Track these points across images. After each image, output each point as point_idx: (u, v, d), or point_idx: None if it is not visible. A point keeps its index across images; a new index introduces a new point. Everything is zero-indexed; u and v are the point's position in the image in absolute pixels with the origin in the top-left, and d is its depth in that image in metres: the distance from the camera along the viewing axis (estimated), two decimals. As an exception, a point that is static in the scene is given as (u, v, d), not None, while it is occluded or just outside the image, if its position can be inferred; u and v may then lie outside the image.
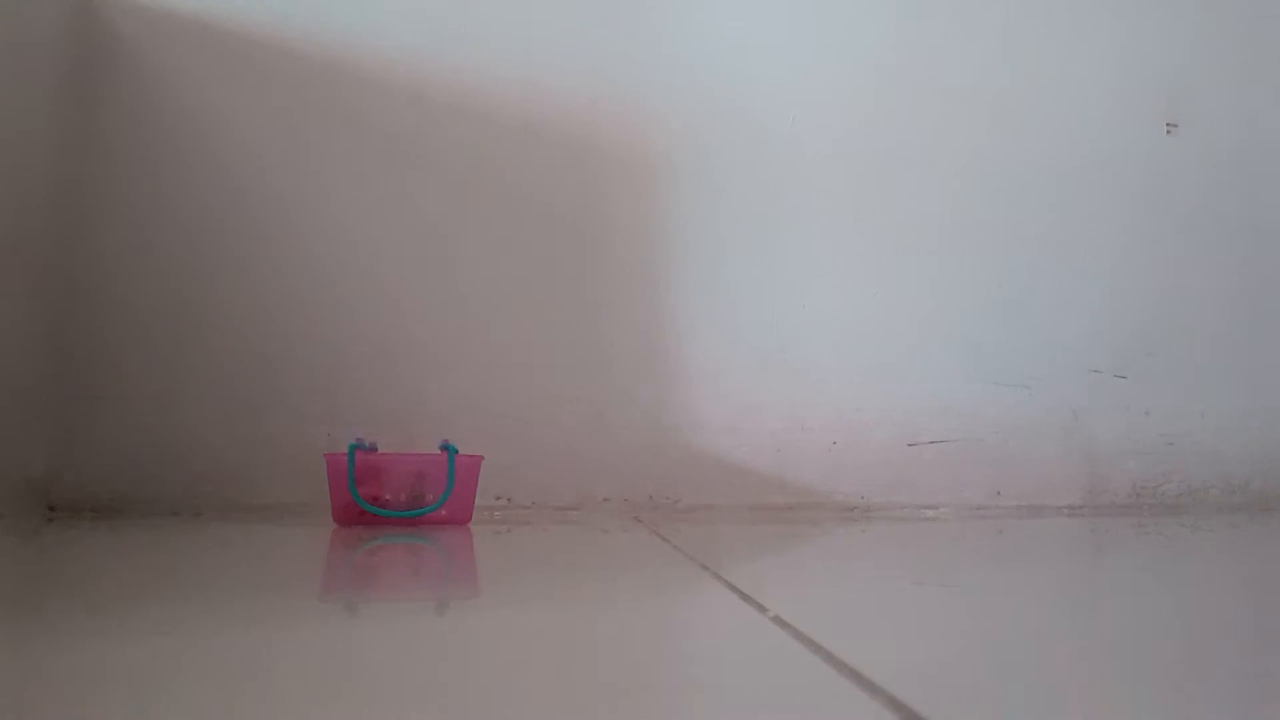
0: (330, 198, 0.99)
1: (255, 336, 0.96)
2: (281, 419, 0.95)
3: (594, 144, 1.02)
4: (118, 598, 0.44)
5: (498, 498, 0.97)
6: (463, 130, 1.01)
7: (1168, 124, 1.11)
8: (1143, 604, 0.44)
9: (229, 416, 0.95)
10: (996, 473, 1.04)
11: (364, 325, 0.98)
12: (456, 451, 0.82)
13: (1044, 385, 1.06)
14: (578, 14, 1.03)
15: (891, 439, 1.03)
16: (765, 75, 1.06)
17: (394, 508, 0.81)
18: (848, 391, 1.03)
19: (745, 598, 0.42)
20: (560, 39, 1.03)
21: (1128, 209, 1.12)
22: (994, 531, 0.81)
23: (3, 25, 0.84)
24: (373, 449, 0.83)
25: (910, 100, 1.08)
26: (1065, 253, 1.09)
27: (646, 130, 1.03)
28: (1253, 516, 0.94)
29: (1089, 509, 1.03)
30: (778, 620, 0.36)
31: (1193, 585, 0.51)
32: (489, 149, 1.01)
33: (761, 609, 0.39)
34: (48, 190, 0.92)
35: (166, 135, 0.97)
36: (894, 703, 0.24)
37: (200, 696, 0.26)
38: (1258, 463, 1.07)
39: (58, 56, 0.93)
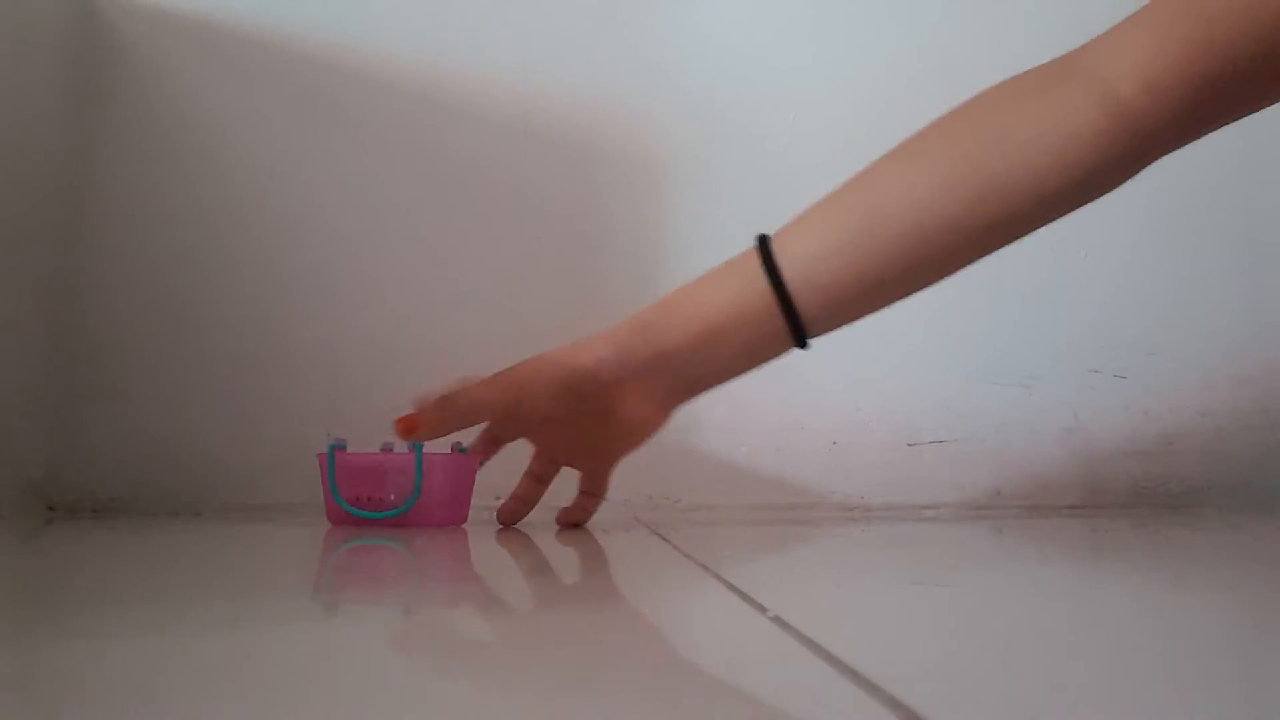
0: (329, 197, 0.99)
1: (255, 337, 0.96)
2: (281, 419, 0.95)
3: (594, 145, 1.02)
4: (118, 598, 0.44)
5: (497, 498, 0.96)
6: (464, 131, 1.01)
7: (1168, 124, 1.11)
8: (1143, 604, 0.44)
9: (229, 417, 0.95)
10: (996, 473, 1.04)
11: (363, 325, 0.98)
12: (465, 450, 0.80)
13: (1044, 385, 1.06)
14: (578, 15, 1.03)
15: (891, 439, 1.03)
16: (765, 74, 1.06)
17: (385, 507, 0.78)
18: (847, 391, 1.03)
19: (745, 598, 0.42)
20: (560, 40, 1.03)
21: (1128, 208, 1.11)
22: (994, 531, 0.81)
23: (3, 25, 0.84)
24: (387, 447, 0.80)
25: (910, 100, 1.08)
26: (1065, 252, 1.09)
27: (646, 130, 1.03)
28: (1253, 516, 0.94)
29: (1089, 509, 1.03)
30: (778, 620, 0.36)
31: (1193, 585, 0.51)
32: (490, 149, 1.01)
33: (761, 609, 0.39)
34: (48, 190, 0.92)
35: (166, 136, 0.98)
36: (894, 703, 0.24)
37: (201, 697, 0.26)
38: (1258, 463, 1.07)
39: (58, 57, 0.93)
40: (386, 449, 0.80)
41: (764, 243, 0.62)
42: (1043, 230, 1.09)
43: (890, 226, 0.60)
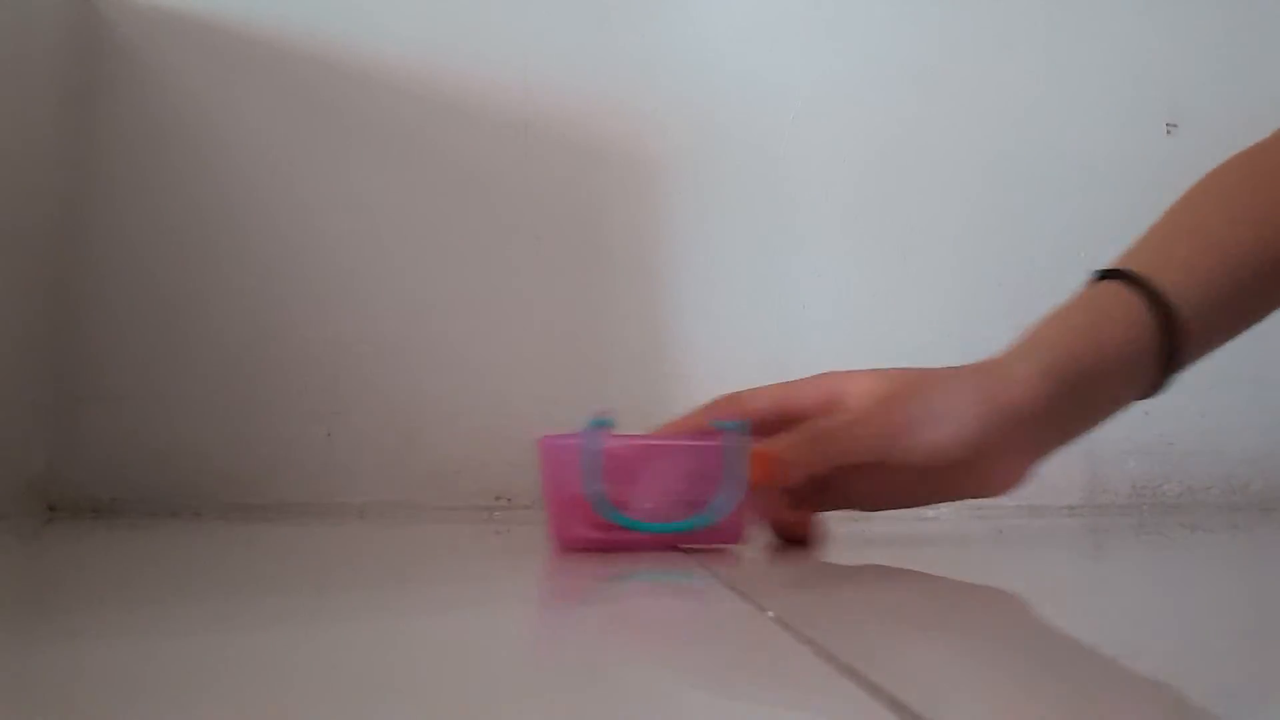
0: (328, 198, 0.99)
1: (255, 336, 0.96)
2: (281, 418, 0.95)
3: (595, 145, 1.02)
4: (118, 598, 0.44)
5: (497, 498, 0.97)
6: (464, 131, 1.01)
7: (1168, 124, 1.11)
8: (1143, 604, 0.44)
9: (229, 416, 0.95)
10: (996, 473, 1.03)
11: (364, 325, 0.98)
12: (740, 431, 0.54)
13: (1044, 385, 1.06)
14: (578, 15, 1.03)
15: (891, 439, 1.02)
16: (765, 75, 1.06)
17: (669, 515, 0.54)
18: (848, 391, 1.03)
19: (745, 598, 0.42)
20: (560, 40, 1.03)
21: (1128, 209, 1.11)
22: (994, 531, 0.81)
23: (2, 25, 0.84)
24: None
25: (909, 102, 1.08)
26: (1065, 253, 1.09)
27: (647, 130, 1.03)
28: (1253, 516, 0.94)
29: (1089, 509, 1.03)
30: (778, 620, 0.36)
31: (1193, 585, 0.51)
32: (490, 150, 1.01)
33: (761, 609, 0.39)
34: (46, 190, 0.92)
35: (166, 136, 0.98)
36: (894, 703, 0.24)
37: (203, 698, 0.26)
38: (1258, 463, 1.07)
39: (58, 57, 0.93)
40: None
41: (1136, 280, 0.57)
42: (1041, 230, 1.09)
43: (1271, 261, 0.56)
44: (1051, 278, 1.11)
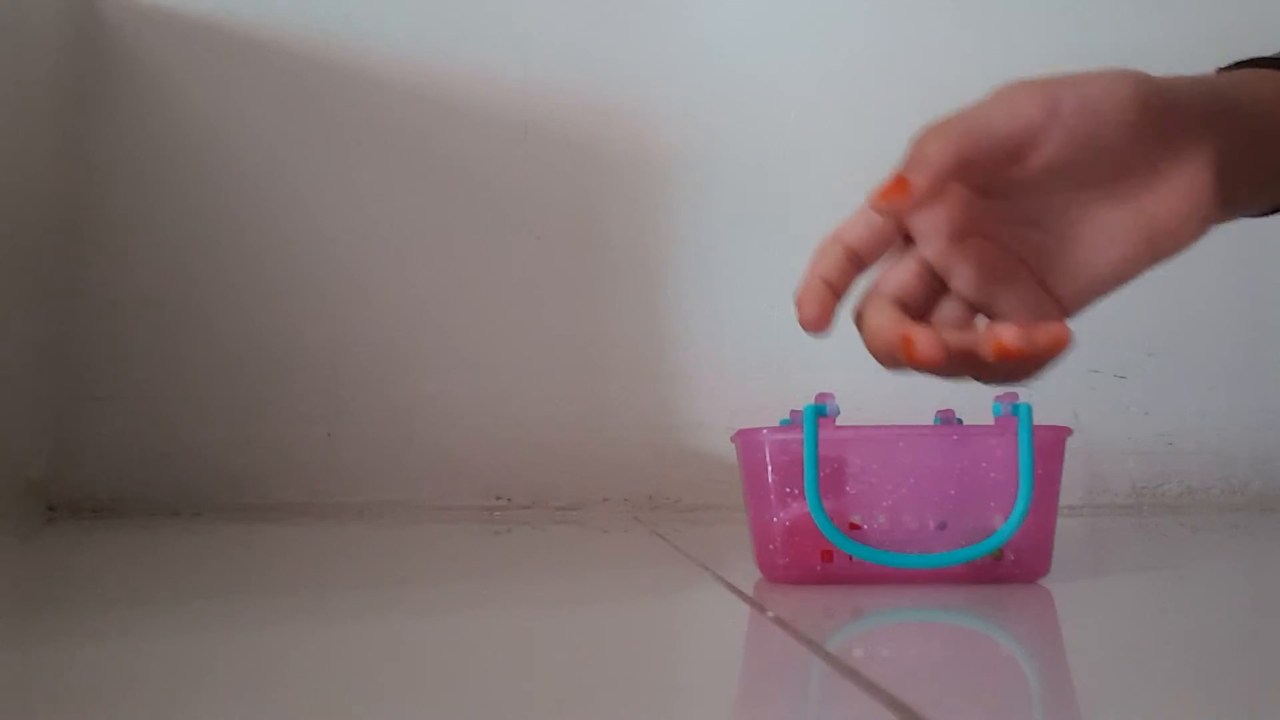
0: (329, 198, 0.99)
1: (256, 336, 0.96)
2: (282, 418, 0.95)
3: (595, 145, 1.02)
4: (119, 599, 0.44)
5: (498, 498, 0.97)
6: (465, 131, 1.01)
7: (1168, 124, 1.11)
8: (1141, 604, 0.44)
9: (229, 416, 0.95)
10: (996, 473, 1.03)
11: (364, 325, 0.98)
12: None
13: (1044, 385, 1.05)
14: (578, 16, 1.03)
15: (891, 439, 1.03)
16: (765, 75, 1.06)
17: (922, 542, 0.41)
18: (849, 391, 1.03)
19: (745, 598, 0.42)
20: (560, 40, 1.03)
21: (1128, 209, 1.11)
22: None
23: (3, 25, 0.84)
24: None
25: (911, 101, 1.08)
26: (1065, 253, 1.09)
27: (647, 131, 1.03)
28: (1253, 516, 0.94)
29: (1089, 509, 1.03)
30: (778, 620, 0.36)
31: (1193, 585, 0.51)
32: (490, 150, 1.01)
33: (761, 609, 0.39)
34: (48, 190, 0.92)
35: (167, 137, 0.98)
36: (894, 703, 0.24)
37: (203, 697, 0.26)
38: (1258, 463, 1.07)
39: (58, 56, 0.93)
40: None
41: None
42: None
43: None
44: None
